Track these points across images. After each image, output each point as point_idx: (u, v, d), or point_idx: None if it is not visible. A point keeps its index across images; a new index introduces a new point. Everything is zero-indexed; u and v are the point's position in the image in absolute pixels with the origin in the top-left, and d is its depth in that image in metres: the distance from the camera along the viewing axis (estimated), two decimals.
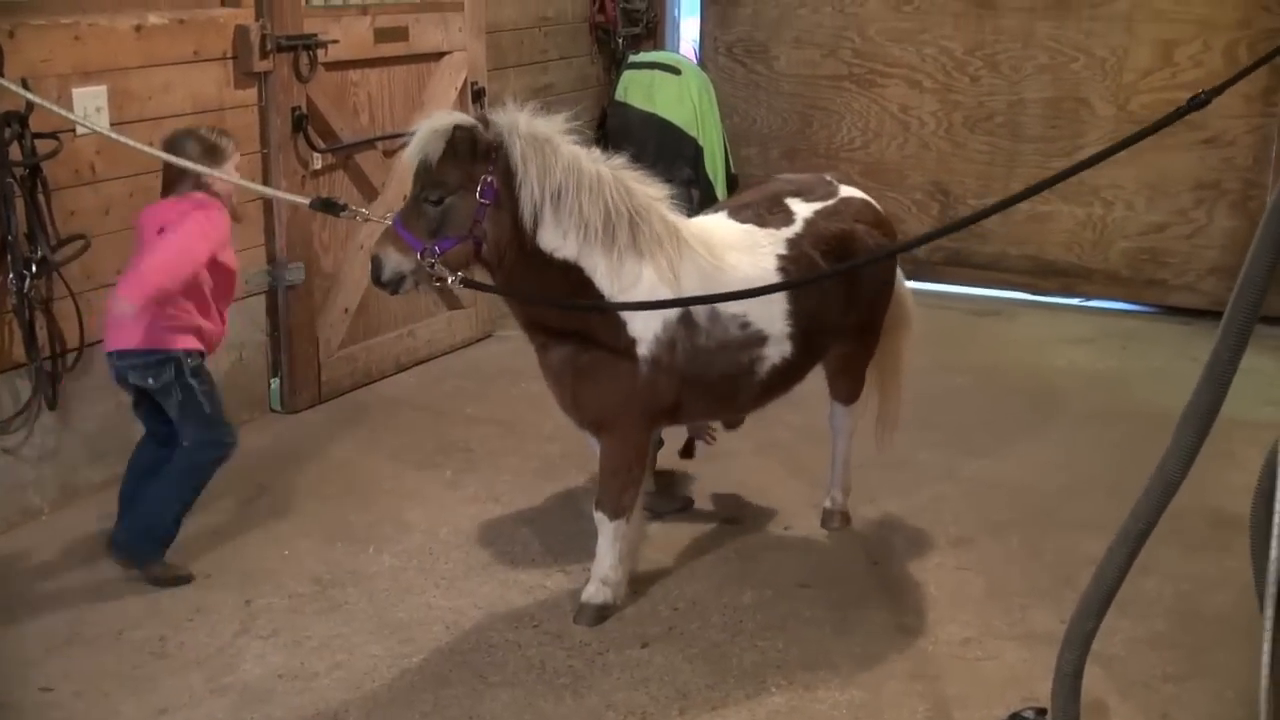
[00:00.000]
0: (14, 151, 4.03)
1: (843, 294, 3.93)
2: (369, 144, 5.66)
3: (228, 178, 3.88)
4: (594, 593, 3.80)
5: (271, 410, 5.41)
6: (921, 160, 7.52)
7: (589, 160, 3.53)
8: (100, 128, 4.13)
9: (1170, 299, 7.07)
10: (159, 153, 3.85)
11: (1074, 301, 7.33)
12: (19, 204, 4.06)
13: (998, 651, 3.67)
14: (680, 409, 3.77)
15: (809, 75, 7.71)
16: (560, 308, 3.58)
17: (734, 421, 4.44)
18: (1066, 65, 7.05)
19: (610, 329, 3.59)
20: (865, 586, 4.05)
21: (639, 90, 6.58)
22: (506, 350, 6.15)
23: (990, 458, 5.05)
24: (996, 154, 7.31)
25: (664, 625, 3.79)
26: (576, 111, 3.69)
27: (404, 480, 4.81)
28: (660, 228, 3.60)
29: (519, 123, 3.44)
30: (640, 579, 4.00)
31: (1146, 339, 6.65)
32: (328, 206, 3.72)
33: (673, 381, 3.64)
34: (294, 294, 5.38)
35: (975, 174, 7.39)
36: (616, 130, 6.65)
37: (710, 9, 7.94)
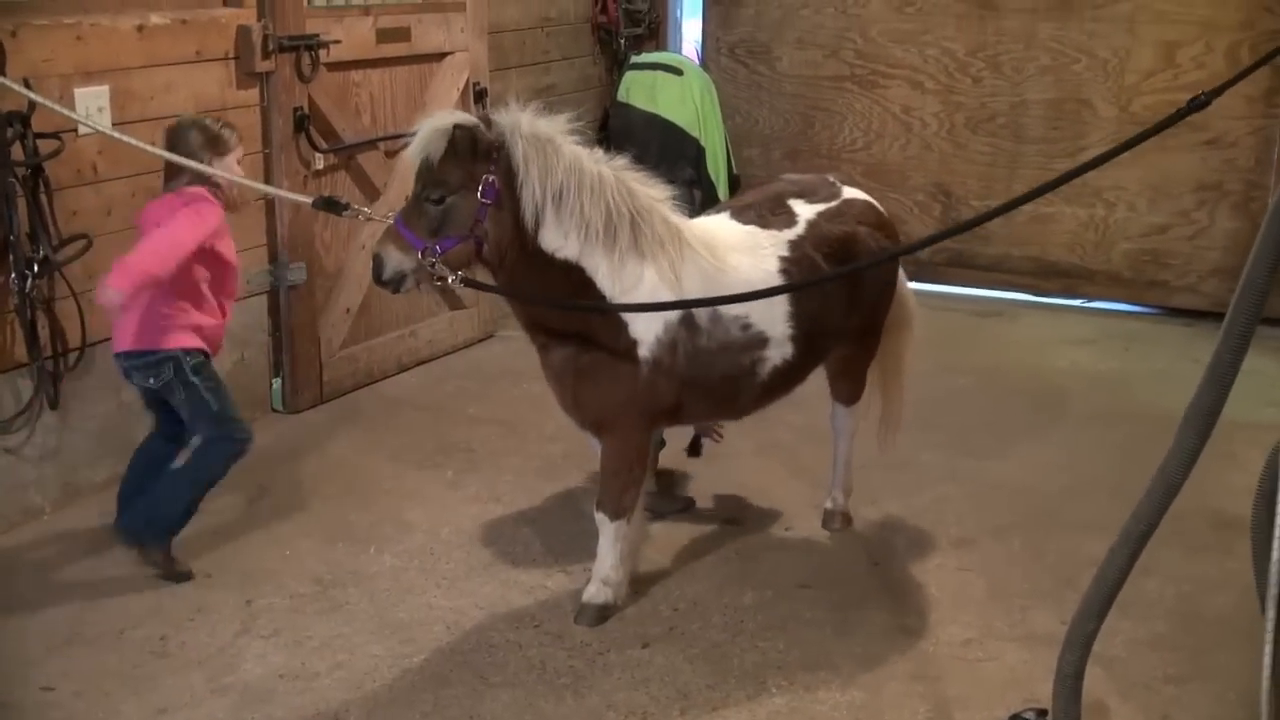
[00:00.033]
0: (16, 151, 4.03)
1: (845, 296, 3.92)
2: (371, 144, 5.66)
3: (226, 175, 3.89)
4: (595, 593, 3.80)
5: (273, 410, 5.41)
6: (923, 161, 7.52)
7: (591, 161, 3.52)
8: (102, 127, 4.14)
9: (1172, 300, 7.07)
10: (161, 152, 3.87)
11: (1076, 303, 7.33)
12: (21, 204, 4.07)
13: (999, 653, 3.66)
14: (681, 410, 3.77)
15: (811, 76, 7.71)
16: (561, 308, 3.58)
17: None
18: (1068, 66, 7.04)
19: (611, 330, 3.58)
20: (866, 587, 4.05)
21: (641, 91, 6.57)
22: (508, 350, 6.15)
23: (992, 459, 5.05)
24: (998, 155, 7.31)
25: (665, 625, 3.79)
26: (579, 112, 3.68)
27: (405, 480, 4.81)
28: (662, 229, 3.59)
29: (521, 123, 3.44)
30: (641, 579, 4.00)
31: (1148, 340, 6.65)
32: (330, 205, 3.73)
33: (674, 383, 3.64)
34: (296, 294, 5.38)
35: (977, 175, 7.39)
36: (619, 131, 6.64)
37: (712, 10, 7.94)
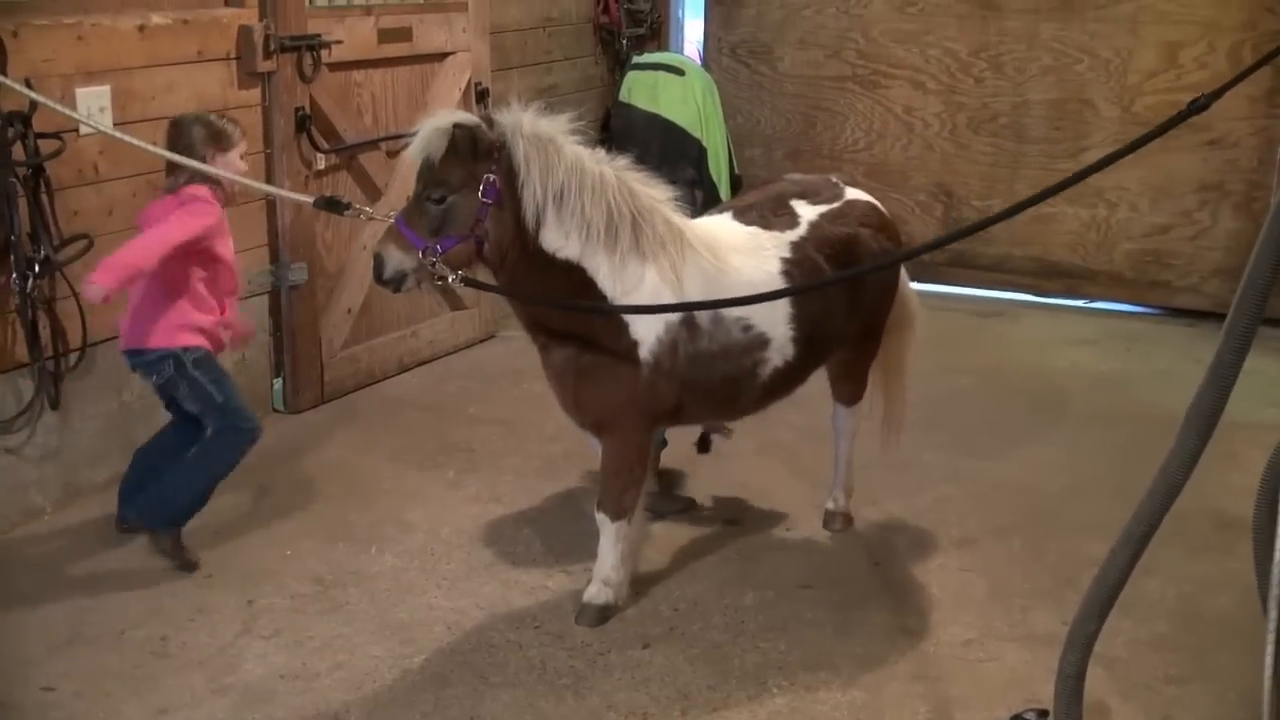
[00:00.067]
0: (17, 151, 4.03)
1: (846, 298, 3.92)
2: (372, 145, 5.66)
3: (226, 175, 3.91)
4: (596, 593, 3.80)
5: (274, 410, 5.41)
6: (925, 161, 7.52)
7: (592, 161, 3.52)
8: (104, 126, 4.14)
9: (1174, 301, 7.07)
10: (163, 151, 3.87)
11: (1078, 303, 7.32)
12: (22, 204, 4.07)
13: (1000, 653, 3.66)
14: (682, 411, 3.76)
15: (813, 76, 7.71)
16: (561, 309, 3.58)
17: None
18: (1071, 67, 7.04)
19: (612, 331, 3.58)
20: (867, 588, 4.05)
21: (643, 91, 6.55)
22: (509, 351, 6.15)
23: (993, 459, 5.04)
24: (1000, 155, 7.31)
25: (665, 626, 3.79)
26: (580, 112, 3.68)
27: (406, 480, 4.81)
28: (663, 229, 3.59)
29: (522, 123, 3.43)
30: (642, 580, 4.00)
31: (1150, 341, 6.65)
32: (332, 205, 3.73)
33: (674, 384, 3.63)
34: (297, 294, 5.38)
35: (979, 175, 7.38)
36: (620, 131, 6.61)
37: (714, 10, 7.94)
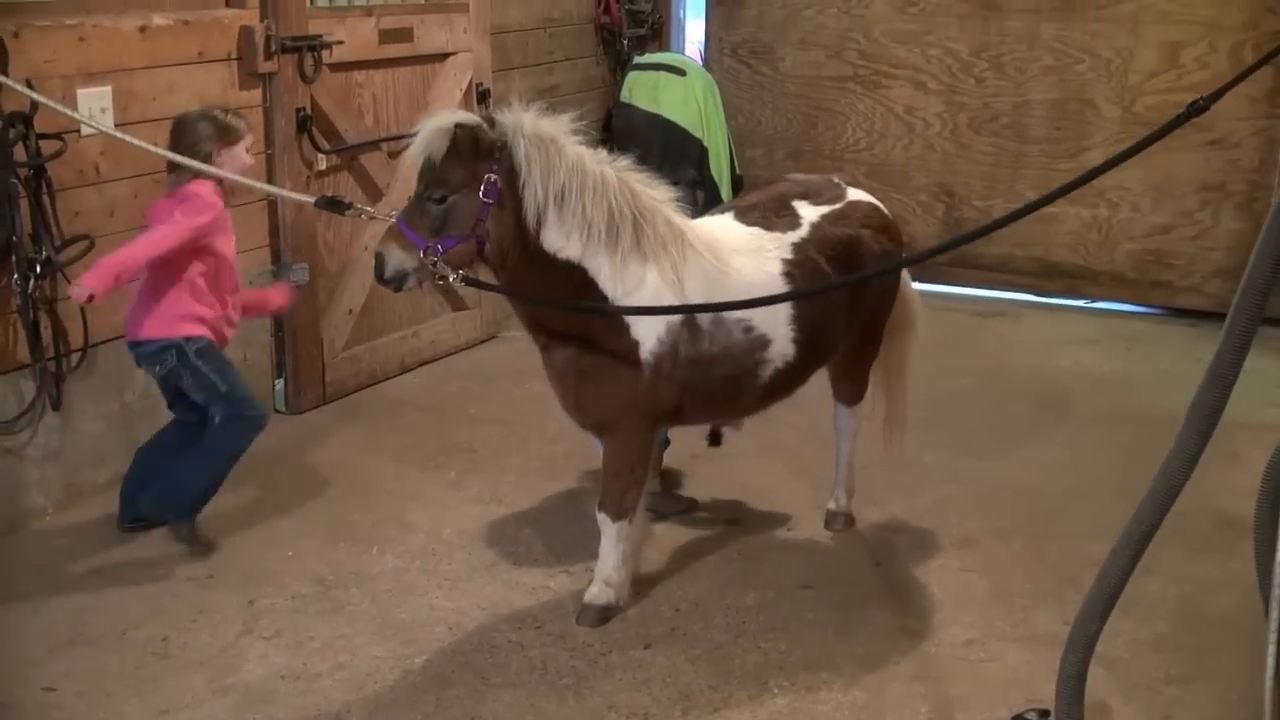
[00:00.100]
0: (19, 152, 4.03)
1: (847, 300, 3.92)
2: (374, 145, 5.66)
3: (226, 174, 3.92)
4: (597, 594, 3.80)
5: (276, 411, 5.41)
6: (926, 161, 7.51)
7: (593, 161, 3.51)
8: (105, 127, 4.14)
9: (1176, 301, 7.06)
10: (164, 152, 3.88)
11: (1079, 303, 7.32)
12: (24, 204, 4.07)
13: (1001, 653, 3.66)
14: (683, 411, 3.76)
15: (814, 76, 7.71)
16: (562, 309, 3.58)
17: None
18: (1072, 67, 7.04)
19: (613, 331, 3.58)
20: (868, 588, 4.05)
21: (644, 91, 6.54)
22: (511, 351, 6.15)
23: (995, 459, 5.04)
24: (1001, 155, 7.31)
25: (667, 626, 3.78)
26: (581, 112, 3.67)
27: (407, 481, 4.81)
28: (665, 230, 3.59)
29: (524, 122, 3.43)
30: (643, 580, 4.00)
31: (1152, 341, 6.64)
32: (333, 205, 3.73)
33: (675, 384, 3.63)
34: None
35: (980, 175, 7.38)
36: (621, 131, 6.61)
37: (715, 10, 7.94)
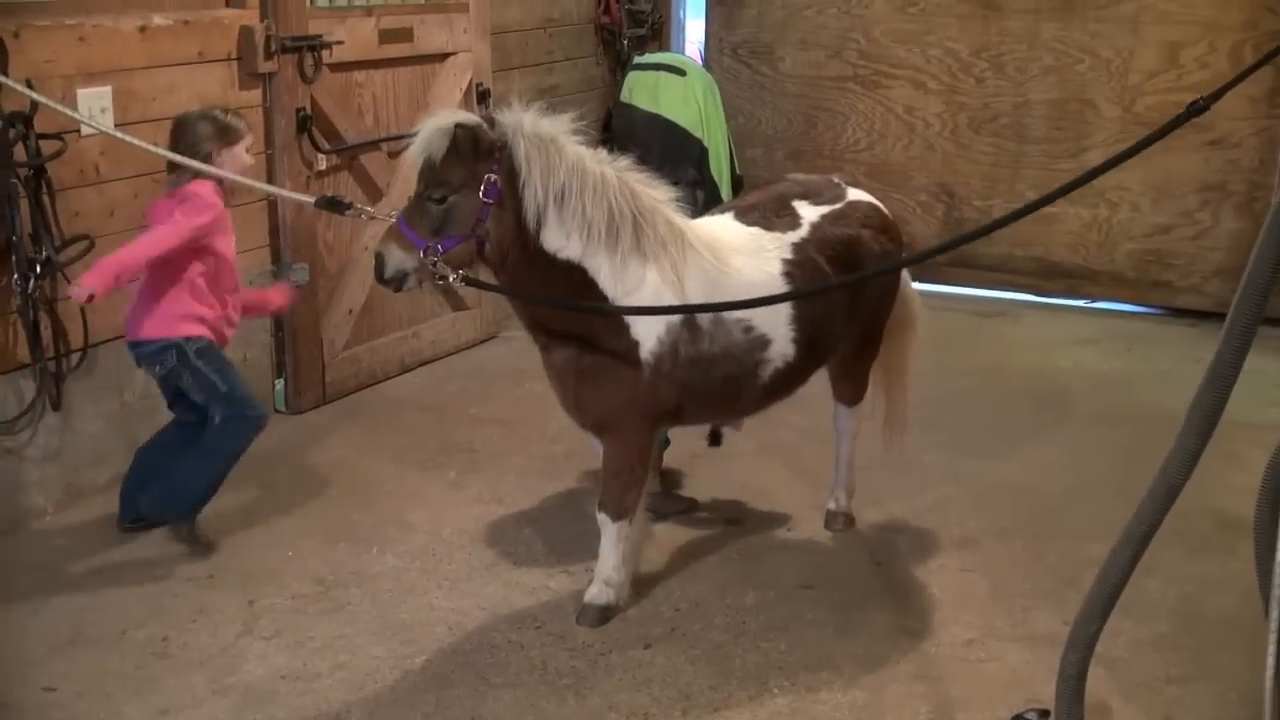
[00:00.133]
0: (19, 152, 4.03)
1: (847, 300, 3.92)
2: (374, 145, 5.66)
3: (226, 175, 3.92)
4: (597, 594, 3.80)
5: (276, 411, 5.41)
6: (926, 161, 7.51)
7: (593, 161, 3.51)
8: (105, 127, 4.14)
9: (1176, 301, 7.06)
10: (165, 152, 3.88)
11: (1079, 303, 7.32)
12: (24, 204, 4.07)
13: (1001, 653, 3.66)
14: (683, 411, 3.76)
15: (814, 76, 7.71)
16: (562, 309, 3.58)
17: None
18: (1072, 67, 7.04)
19: (613, 331, 3.58)
20: (868, 588, 4.05)
21: (644, 91, 6.54)
22: (511, 351, 6.15)
23: (995, 459, 5.04)
24: (1001, 155, 7.31)
25: (667, 626, 3.78)
26: (581, 112, 3.68)
27: (407, 481, 4.81)
28: (665, 230, 3.59)
29: (524, 122, 3.43)
30: (643, 580, 4.00)
31: (1152, 341, 6.64)
32: (333, 205, 3.74)
33: (675, 384, 3.63)
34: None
35: (980, 175, 7.38)
36: (621, 131, 6.61)
37: (715, 10, 7.95)
